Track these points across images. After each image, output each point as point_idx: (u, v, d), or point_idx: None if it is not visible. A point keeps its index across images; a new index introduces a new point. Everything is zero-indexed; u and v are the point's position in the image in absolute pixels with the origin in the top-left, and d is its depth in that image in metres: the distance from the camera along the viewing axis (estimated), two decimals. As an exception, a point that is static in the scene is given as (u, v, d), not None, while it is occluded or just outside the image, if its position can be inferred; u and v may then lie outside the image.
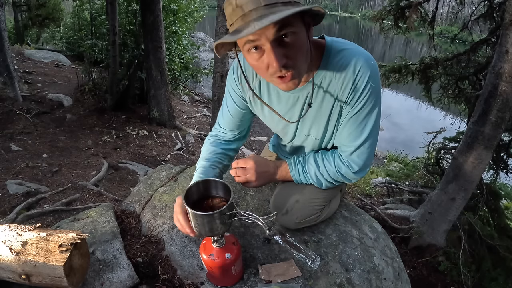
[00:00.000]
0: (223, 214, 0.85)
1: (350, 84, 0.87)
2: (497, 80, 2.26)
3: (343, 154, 1.00)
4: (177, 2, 6.14)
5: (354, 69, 0.86)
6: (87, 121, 4.99)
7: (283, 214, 1.14)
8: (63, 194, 3.01)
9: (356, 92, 0.88)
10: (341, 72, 0.87)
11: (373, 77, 0.87)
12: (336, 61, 0.88)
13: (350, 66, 0.86)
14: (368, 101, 0.89)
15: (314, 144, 1.07)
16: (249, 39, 0.74)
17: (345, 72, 0.87)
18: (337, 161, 1.01)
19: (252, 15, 0.70)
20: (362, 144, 0.95)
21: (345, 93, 0.89)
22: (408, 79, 3.70)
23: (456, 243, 2.89)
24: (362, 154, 0.97)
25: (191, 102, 7.99)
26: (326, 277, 1.07)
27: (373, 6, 55.63)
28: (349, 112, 0.92)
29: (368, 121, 0.92)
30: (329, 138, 1.03)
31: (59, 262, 0.87)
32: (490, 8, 3.08)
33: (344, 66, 0.87)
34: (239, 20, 0.72)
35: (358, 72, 0.86)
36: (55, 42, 10.36)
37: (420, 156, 4.96)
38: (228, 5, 0.73)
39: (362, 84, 0.86)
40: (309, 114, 0.99)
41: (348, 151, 0.98)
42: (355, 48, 0.89)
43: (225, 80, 3.59)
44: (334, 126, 0.98)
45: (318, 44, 0.90)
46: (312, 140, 1.06)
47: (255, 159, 1.02)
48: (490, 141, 2.43)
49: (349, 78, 0.87)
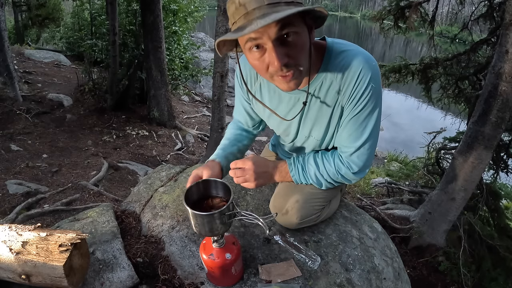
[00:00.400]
0: (223, 214, 0.85)
1: (351, 85, 0.87)
2: (497, 80, 2.25)
3: (343, 154, 1.00)
4: (177, 2, 6.13)
5: (355, 70, 0.86)
6: (87, 121, 4.99)
7: (283, 214, 1.14)
8: (63, 194, 3.01)
9: (357, 93, 0.88)
10: (342, 73, 0.88)
11: (374, 79, 0.87)
12: (337, 62, 0.88)
13: (351, 68, 0.86)
14: (369, 102, 0.89)
15: (315, 145, 1.08)
16: (251, 37, 0.74)
17: (346, 74, 0.87)
18: (337, 161, 1.01)
19: (255, 14, 0.70)
20: (362, 145, 0.95)
21: (346, 94, 0.90)
22: (408, 79, 3.70)
23: (456, 243, 2.89)
24: (362, 155, 0.97)
25: (191, 102, 8.00)
26: (326, 277, 1.07)
27: (373, 6, 55.66)
28: (349, 113, 0.92)
29: (369, 122, 0.92)
30: (330, 139, 1.04)
31: (59, 262, 0.87)
32: (490, 8, 3.08)
33: (345, 68, 0.87)
34: (241, 19, 0.72)
35: (359, 74, 0.86)
36: (55, 42, 10.36)
37: (420, 156, 4.96)
38: (231, 4, 0.74)
39: (363, 86, 0.87)
40: (310, 115, 0.99)
41: (348, 152, 0.98)
42: (356, 49, 0.89)
43: (225, 80, 3.60)
44: (335, 127, 0.99)
45: (319, 45, 0.91)
46: (313, 141, 1.06)
47: (254, 159, 1.02)
48: (490, 141, 2.43)
49: (350, 79, 0.87)
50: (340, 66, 0.88)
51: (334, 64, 0.88)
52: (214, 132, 3.93)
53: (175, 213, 1.30)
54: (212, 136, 3.99)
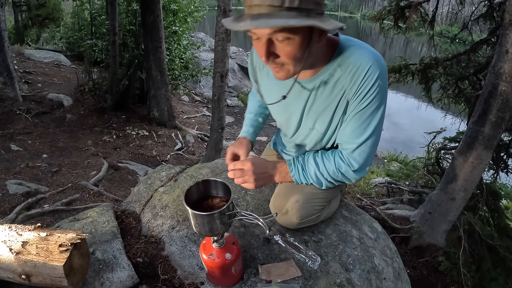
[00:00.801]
0: (223, 214, 0.85)
1: (359, 80, 0.89)
2: (497, 80, 2.25)
3: (344, 151, 1.00)
4: (177, 2, 6.13)
5: (364, 66, 0.87)
6: (87, 121, 4.99)
7: (283, 214, 1.14)
8: (63, 194, 3.01)
9: (364, 89, 0.89)
10: (351, 67, 0.89)
11: (381, 77, 0.88)
12: (347, 56, 0.90)
13: (361, 63, 0.88)
14: (375, 99, 0.90)
15: (317, 139, 1.07)
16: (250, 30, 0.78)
17: (356, 68, 0.89)
18: (337, 159, 1.01)
19: (254, 11, 0.73)
20: (364, 142, 0.96)
21: (353, 88, 0.91)
22: (408, 79, 3.70)
23: (456, 243, 2.89)
24: (364, 152, 0.97)
25: (191, 102, 8.00)
26: (326, 277, 1.07)
27: (373, 6, 55.64)
28: (354, 108, 0.93)
29: (373, 119, 0.93)
30: (332, 133, 1.03)
31: (59, 262, 0.87)
32: (490, 8, 3.08)
33: (354, 62, 0.89)
34: (246, 8, 0.75)
35: (368, 70, 0.87)
36: (55, 42, 10.35)
37: (420, 156, 4.95)
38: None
39: (370, 82, 0.88)
40: (315, 107, 1.00)
41: (350, 148, 0.98)
42: (367, 47, 0.91)
43: (225, 80, 3.61)
44: (338, 121, 0.99)
45: (332, 41, 0.92)
46: (316, 135, 1.06)
47: (253, 160, 1.02)
48: (490, 141, 2.43)
49: (359, 74, 0.88)
50: (349, 61, 0.89)
51: (344, 58, 0.90)
52: (214, 132, 3.93)
53: (175, 213, 1.30)
54: (212, 136, 3.98)
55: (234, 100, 8.73)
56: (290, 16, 0.71)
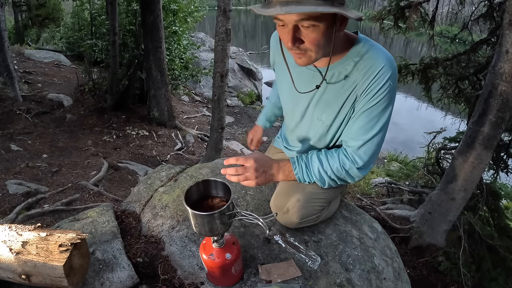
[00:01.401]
0: (223, 214, 0.85)
1: (371, 77, 0.91)
2: (497, 80, 2.25)
3: (349, 149, 1.01)
4: (177, 2, 6.13)
5: (378, 65, 0.90)
6: (87, 121, 4.99)
7: (283, 213, 1.14)
8: (63, 194, 3.01)
9: (375, 87, 0.91)
10: (366, 64, 0.92)
11: (392, 78, 0.91)
12: (363, 52, 0.93)
13: (375, 61, 0.91)
14: (384, 99, 0.92)
15: (321, 132, 1.08)
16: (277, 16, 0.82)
17: (369, 65, 0.91)
18: (342, 156, 1.02)
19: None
20: (370, 139, 0.97)
21: (364, 84, 0.93)
22: (408, 79, 3.70)
23: (456, 243, 2.89)
24: (369, 149, 0.99)
25: (191, 102, 8.00)
26: (326, 277, 1.07)
27: (373, 6, 55.59)
28: (364, 105, 0.95)
29: (380, 118, 0.95)
30: (337, 128, 1.04)
31: (59, 262, 0.87)
32: (490, 8, 3.08)
33: (369, 60, 0.92)
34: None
35: (381, 69, 0.90)
36: (55, 42, 10.34)
37: (420, 156, 4.96)
38: None
39: (382, 81, 0.90)
40: (325, 98, 1.01)
41: (355, 145, 0.99)
42: (382, 49, 0.94)
43: (225, 80, 3.60)
44: (345, 115, 1.00)
45: (350, 36, 0.96)
46: (321, 127, 1.06)
47: (256, 157, 1.00)
48: (490, 141, 2.43)
49: (372, 71, 0.91)
50: (364, 57, 0.92)
51: (360, 54, 0.93)
52: (214, 132, 3.93)
53: (175, 213, 1.30)
54: (212, 136, 3.98)
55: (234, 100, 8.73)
56: (317, 4, 0.76)
